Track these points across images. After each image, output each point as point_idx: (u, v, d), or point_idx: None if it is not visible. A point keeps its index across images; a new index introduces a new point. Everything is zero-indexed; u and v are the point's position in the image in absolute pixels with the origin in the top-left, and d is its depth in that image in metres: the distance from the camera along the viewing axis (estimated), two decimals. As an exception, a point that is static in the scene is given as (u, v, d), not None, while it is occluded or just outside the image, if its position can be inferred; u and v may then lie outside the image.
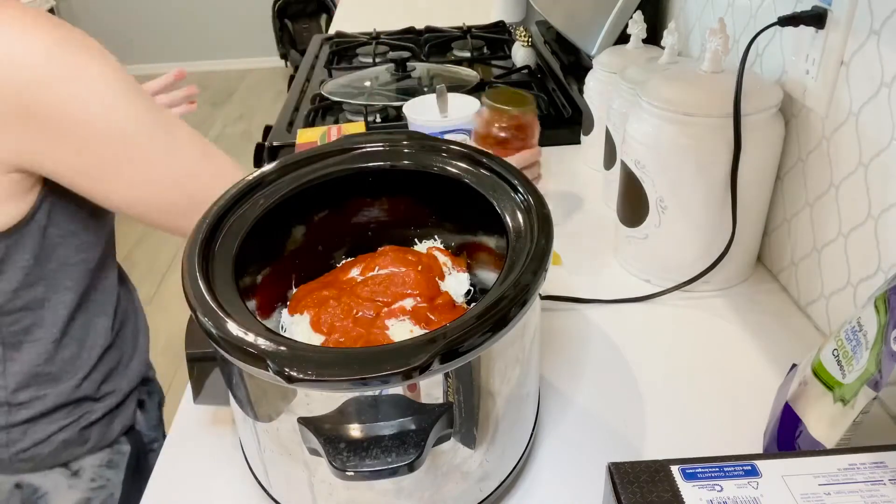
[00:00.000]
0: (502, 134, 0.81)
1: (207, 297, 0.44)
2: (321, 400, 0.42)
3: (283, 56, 4.43)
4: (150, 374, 0.88)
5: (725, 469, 0.40)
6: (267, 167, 0.58)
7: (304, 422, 0.42)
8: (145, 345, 0.83)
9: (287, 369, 0.39)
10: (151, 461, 0.80)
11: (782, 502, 0.38)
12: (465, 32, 1.54)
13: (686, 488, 0.39)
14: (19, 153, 0.58)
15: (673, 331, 0.70)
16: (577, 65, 1.23)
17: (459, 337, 0.40)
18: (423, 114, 0.87)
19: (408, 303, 0.56)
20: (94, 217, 0.70)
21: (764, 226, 0.75)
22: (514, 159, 0.85)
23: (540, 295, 0.48)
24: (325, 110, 1.19)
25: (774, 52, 0.72)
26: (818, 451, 0.44)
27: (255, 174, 0.57)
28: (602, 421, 0.60)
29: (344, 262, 0.63)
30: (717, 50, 0.67)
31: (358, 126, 0.95)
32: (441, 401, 0.43)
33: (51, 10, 2.67)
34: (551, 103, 1.16)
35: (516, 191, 0.54)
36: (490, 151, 0.80)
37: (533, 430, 0.56)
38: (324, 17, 4.25)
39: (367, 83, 1.25)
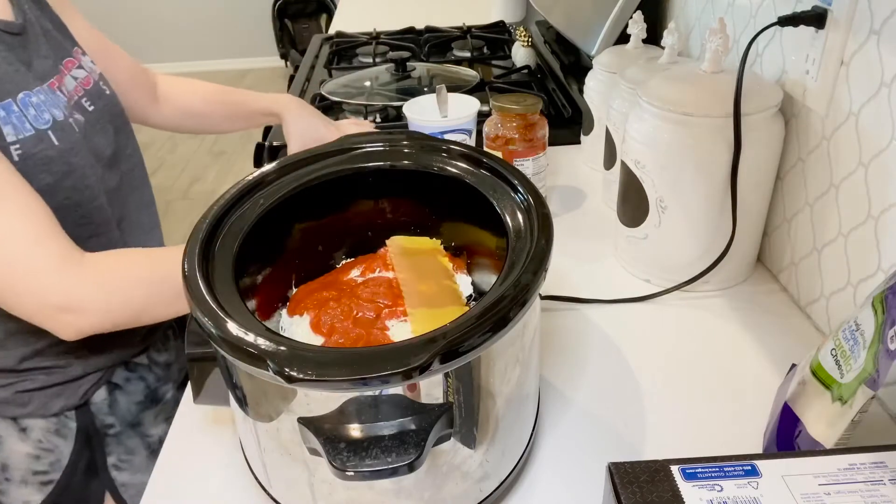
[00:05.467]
0: (511, 134, 0.81)
1: (207, 297, 0.44)
2: (321, 400, 0.42)
3: (283, 56, 4.43)
4: (137, 365, 0.87)
5: (725, 469, 0.40)
6: (267, 167, 0.58)
7: (304, 422, 0.42)
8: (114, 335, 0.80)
9: (287, 369, 0.39)
10: (105, 443, 0.83)
11: (782, 502, 0.38)
12: (465, 32, 1.54)
13: (686, 488, 0.39)
14: None
15: (673, 331, 0.70)
16: (577, 65, 1.23)
17: (459, 337, 0.40)
18: (423, 114, 0.88)
19: (408, 303, 0.56)
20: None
21: (764, 226, 0.75)
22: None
23: (540, 295, 0.48)
24: (325, 110, 1.19)
25: (774, 52, 0.72)
26: (818, 451, 0.44)
27: (255, 174, 0.57)
28: (602, 421, 0.60)
29: (344, 262, 0.63)
30: (717, 50, 0.67)
31: (369, 128, 0.96)
32: (441, 401, 0.43)
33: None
34: (551, 103, 1.16)
35: (516, 191, 0.54)
36: (500, 153, 0.81)
37: (533, 430, 0.56)
38: (324, 17, 4.25)
39: (367, 83, 1.25)
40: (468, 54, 1.45)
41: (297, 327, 0.56)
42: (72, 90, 0.75)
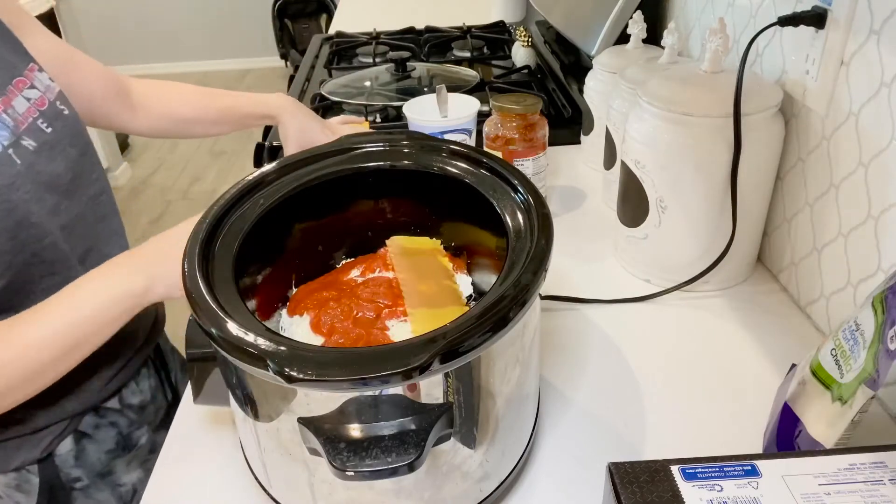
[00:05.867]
0: (511, 134, 0.81)
1: (207, 297, 0.44)
2: (321, 400, 0.42)
3: (283, 56, 4.43)
4: (108, 409, 0.79)
5: (725, 469, 0.40)
6: (267, 167, 0.58)
7: (304, 422, 0.42)
8: (79, 383, 0.74)
9: (287, 369, 0.39)
10: (71, 498, 0.76)
11: (782, 502, 0.38)
12: (465, 32, 1.54)
13: (686, 488, 0.39)
14: None
15: (673, 331, 0.70)
16: (577, 65, 1.23)
17: (459, 337, 0.40)
18: (423, 114, 0.87)
19: (408, 303, 0.56)
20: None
21: (764, 226, 0.75)
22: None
23: (540, 295, 0.48)
24: (326, 110, 1.19)
25: (774, 52, 0.72)
26: (818, 451, 0.44)
27: (255, 174, 0.57)
28: (602, 421, 0.60)
29: (344, 262, 0.63)
30: (717, 50, 0.67)
31: (362, 126, 0.95)
32: (441, 401, 0.43)
33: (51, 10, 2.67)
34: (551, 103, 1.16)
35: (516, 191, 0.54)
36: (500, 153, 0.81)
37: (533, 430, 0.56)
38: (324, 16, 4.25)
39: (367, 83, 1.25)
40: (468, 54, 1.45)
41: (297, 327, 0.56)
42: (24, 112, 0.67)
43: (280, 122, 0.92)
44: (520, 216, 0.52)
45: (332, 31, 1.68)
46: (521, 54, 1.35)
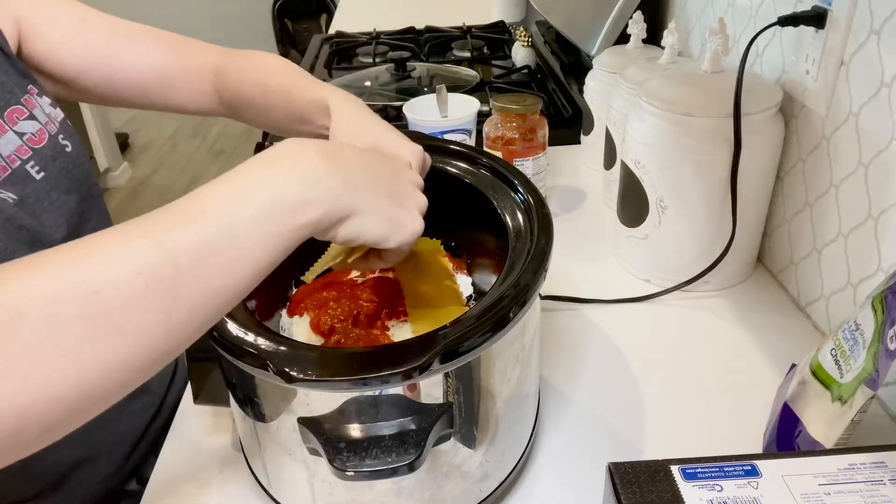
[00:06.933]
0: (511, 134, 0.81)
1: (207, 298, 0.44)
2: (321, 400, 0.42)
3: (284, 56, 4.42)
4: (126, 492, 0.67)
5: (725, 469, 0.40)
6: (267, 167, 0.57)
7: (304, 422, 0.42)
8: None
9: (287, 369, 0.39)
10: None
11: (782, 502, 0.38)
12: (465, 32, 1.54)
13: (686, 488, 0.39)
14: None
15: (673, 331, 0.70)
16: (577, 65, 1.23)
17: (459, 337, 0.40)
18: (423, 114, 0.87)
19: (408, 303, 0.56)
20: None
21: (764, 226, 0.75)
22: None
23: (540, 295, 0.48)
24: (325, 110, 1.19)
25: (774, 52, 0.72)
26: (818, 451, 0.44)
27: (255, 174, 0.57)
28: (602, 421, 0.60)
29: (344, 262, 0.63)
30: (717, 50, 0.67)
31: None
32: (441, 401, 0.43)
33: (51, 10, 2.66)
34: (551, 103, 1.16)
35: (516, 191, 0.54)
36: (500, 153, 0.81)
37: (533, 430, 0.56)
38: (324, 16, 4.25)
39: (367, 83, 1.25)
40: (468, 54, 1.45)
41: (296, 328, 0.56)
42: (9, 155, 0.54)
43: (331, 107, 0.59)
44: (520, 216, 0.52)
45: (332, 31, 1.68)
46: (521, 54, 1.35)
